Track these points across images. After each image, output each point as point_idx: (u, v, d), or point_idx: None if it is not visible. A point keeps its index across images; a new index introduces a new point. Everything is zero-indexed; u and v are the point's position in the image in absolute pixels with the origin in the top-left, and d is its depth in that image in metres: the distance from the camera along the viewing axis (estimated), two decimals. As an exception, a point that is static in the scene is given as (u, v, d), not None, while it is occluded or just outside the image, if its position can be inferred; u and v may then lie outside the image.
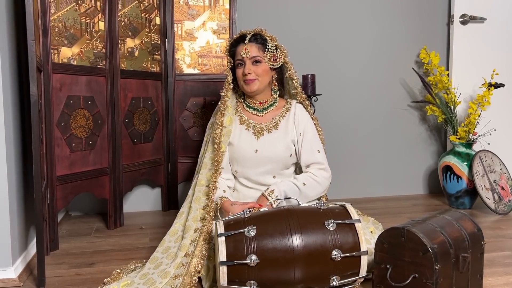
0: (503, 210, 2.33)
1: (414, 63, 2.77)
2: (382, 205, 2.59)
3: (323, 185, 1.67)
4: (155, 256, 1.52)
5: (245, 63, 1.61)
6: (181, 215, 1.62)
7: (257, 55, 1.62)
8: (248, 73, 1.60)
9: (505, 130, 2.68)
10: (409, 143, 2.81)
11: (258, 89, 1.64)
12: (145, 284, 1.37)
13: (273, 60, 1.66)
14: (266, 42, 1.66)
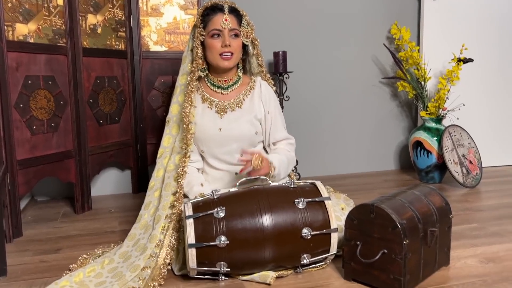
0: (471, 184, 2.38)
1: (385, 39, 2.75)
2: (355, 181, 2.60)
3: (294, 159, 1.66)
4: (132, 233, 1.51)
5: (224, 35, 1.54)
6: (149, 206, 1.57)
7: (236, 28, 1.55)
8: (229, 45, 1.53)
9: (473, 105, 2.72)
10: (381, 120, 2.82)
11: (233, 66, 1.59)
12: (114, 277, 1.33)
13: (246, 37, 1.60)
14: (242, 16, 1.59)
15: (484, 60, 2.73)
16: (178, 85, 1.69)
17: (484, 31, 2.74)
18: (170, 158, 1.59)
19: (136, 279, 1.30)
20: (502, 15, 2.75)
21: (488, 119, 2.81)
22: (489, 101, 2.80)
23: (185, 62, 1.67)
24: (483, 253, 1.50)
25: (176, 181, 1.51)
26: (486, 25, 2.73)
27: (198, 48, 1.57)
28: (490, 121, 2.82)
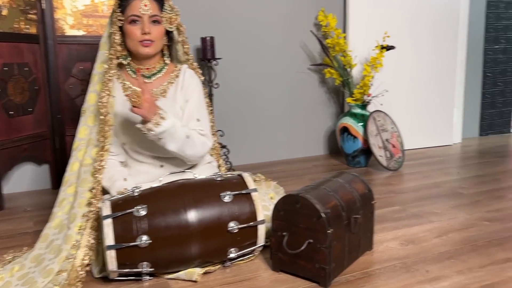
0: (394, 167, 2.49)
1: (313, 25, 2.77)
2: (286, 167, 2.63)
3: (201, 149, 1.50)
4: (45, 233, 1.40)
5: (144, 21, 1.44)
6: (62, 203, 1.45)
7: (157, 14, 1.46)
8: (148, 32, 1.44)
9: (396, 91, 2.84)
10: (310, 106, 2.86)
11: (154, 53, 1.50)
12: (24, 285, 1.21)
13: (169, 23, 1.51)
14: (163, 1, 1.50)
15: (406, 47, 2.84)
16: (95, 73, 1.57)
17: (406, 19, 2.85)
18: (86, 151, 1.48)
19: (50, 285, 1.20)
20: (425, 3, 2.88)
21: (409, 104, 2.95)
22: (410, 87, 2.94)
23: (103, 48, 1.56)
24: (404, 235, 1.56)
25: (93, 176, 1.41)
26: (408, 13, 2.85)
27: (116, 34, 1.47)
28: (411, 106, 2.96)
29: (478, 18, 3.29)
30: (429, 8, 2.90)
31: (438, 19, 2.94)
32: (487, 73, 3.43)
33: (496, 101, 3.52)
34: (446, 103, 3.10)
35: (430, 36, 2.94)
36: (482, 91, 3.44)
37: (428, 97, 3.01)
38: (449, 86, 3.09)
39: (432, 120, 3.06)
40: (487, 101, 3.48)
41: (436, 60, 2.99)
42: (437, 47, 2.98)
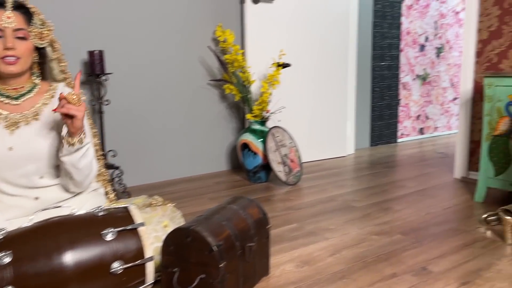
0: (292, 181, 2.54)
1: (211, 40, 2.73)
2: (186, 186, 2.54)
3: (94, 173, 1.41)
4: None
5: (6, 34, 1.26)
6: None
7: (23, 28, 1.28)
8: (11, 48, 1.26)
9: (293, 107, 2.91)
10: (211, 121, 2.81)
11: (21, 72, 1.32)
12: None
13: (39, 38, 1.35)
14: (32, 14, 1.33)
15: (301, 65, 2.94)
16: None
17: (301, 38, 2.94)
18: None
19: None
20: (317, 22, 3.00)
21: (306, 119, 3.05)
22: (306, 102, 3.04)
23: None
24: (300, 255, 1.57)
25: None
26: (303, 32, 2.94)
27: (-24, 50, 1.27)
28: (308, 121, 3.06)
29: (365, 38, 3.53)
30: (322, 27, 3.03)
31: (330, 38, 3.09)
32: (375, 88, 3.69)
33: (384, 113, 3.81)
34: (339, 116, 3.26)
35: (323, 54, 3.08)
36: (371, 105, 3.69)
37: (323, 111, 3.14)
38: (342, 100, 3.25)
39: (327, 133, 3.20)
40: (376, 114, 3.74)
41: (329, 77, 3.14)
42: (330, 64, 3.13)
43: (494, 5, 2.37)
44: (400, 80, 3.88)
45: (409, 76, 3.97)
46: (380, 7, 3.59)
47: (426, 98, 4.18)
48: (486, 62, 2.44)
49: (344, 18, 3.13)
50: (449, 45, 4.28)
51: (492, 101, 2.06)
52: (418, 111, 4.13)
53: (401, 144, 3.89)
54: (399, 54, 3.81)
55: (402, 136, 4.02)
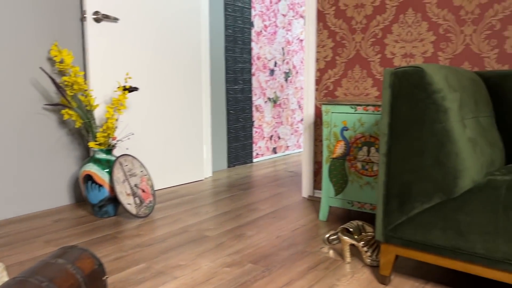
0: (144, 213, 2.37)
1: (46, 60, 2.43)
2: (16, 228, 2.18)
3: None
4: None
5: None
6: None
7: None
8: None
9: (143, 132, 2.76)
10: (49, 151, 2.49)
11: None
12: None
13: None
14: None
15: (152, 88, 2.81)
16: None
17: (151, 61, 2.82)
18: None
19: None
20: (170, 44, 2.91)
21: (160, 144, 2.92)
22: (159, 127, 2.92)
23: None
24: (146, 302, 1.44)
25: None
26: (152, 55, 2.83)
27: None
28: (162, 146, 2.94)
29: (219, 62, 3.57)
30: (173, 50, 2.96)
31: (182, 60, 3.03)
32: (230, 111, 3.75)
33: (239, 135, 3.89)
34: (196, 140, 3.21)
35: (176, 77, 3.01)
36: (227, 127, 3.74)
37: (178, 135, 3.06)
38: (197, 124, 3.21)
39: (184, 158, 3.11)
40: (232, 136, 3.80)
41: (183, 100, 3.07)
42: (184, 87, 3.07)
43: (328, 37, 2.60)
44: (253, 102, 4.03)
45: (261, 99, 4.15)
46: (231, 32, 3.68)
47: (277, 119, 4.41)
48: (324, 89, 2.65)
49: (196, 41, 3.12)
50: (296, 70, 4.61)
51: (329, 127, 2.23)
52: (270, 131, 4.33)
53: (257, 164, 4.01)
54: (251, 78, 3.96)
55: (257, 156, 4.16)
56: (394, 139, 1.46)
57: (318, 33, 2.64)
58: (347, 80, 2.54)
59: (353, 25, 2.49)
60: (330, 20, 2.57)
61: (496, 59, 2.05)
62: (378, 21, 2.39)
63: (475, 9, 2.08)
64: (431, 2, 2.21)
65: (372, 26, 2.41)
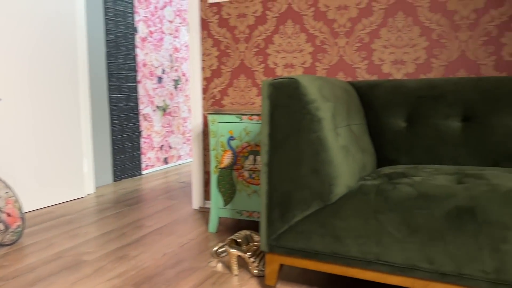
0: (11, 240, 2.09)
1: None
2: None
3: None
4: None
5: None
6: None
7: None
8: None
9: (11, 148, 2.44)
10: None
11: None
12: None
13: None
14: None
15: (18, 98, 2.50)
16: None
17: (19, 68, 2.51)
18: None
19: None
20: (42, 51, 2.62)
21: (30, 161, 2.62)
22: (29, 142, 2.61)
23: None
24: None
25: None
26: (21, 62, 2.52)
27: None
28: (32, 163, 2.64)
29: (99, 68, 3.34)
30: (45, 56, 2.68)
31: (57, 67, 2.76)
32: (114, 121, 3.53)
33: (126, 146, 3.68)
34: (74, 154, 2.94)
35: (49, 86, 2.73)
36: (112, 138, 3.51)
37: (52, 150, 2.77)
38: (75, 135, 2.95)
39: (60, 174, 2.83)
40: (117, 147, 3.57)
41: (58, 111, 2.80)
42: (58, 97, 2.79)
43: (213, 46, 2.57)
44: (140, 111, 3.85)
45: (149, 108, 3.98)
46: (113, 38, 3.47)
47: (168, 128, 4.28)
48: (211, 99, 2.62)
49: (72, 48, 2.86)
50: (185, 77, 4.53)
51: (216, 136, 2.20)
52: (161, 141, 4.18)
53: (147, 176, 3.83)
54: (137, 85, 3.78)
55: (147, 168, 3.98)
56: (274, 149, 1.47)
57: (203, 42, 2.60)
58: (233, 89, 2.54)
59: (236, 34, 2.50)
60: (214, 28, 2.55)
61: (366, 70, 2.22)
62: (260, 31, 2.43)
63: (346, 22, 2.23)
64: (308, 15, 2.31)
65: (254, 36, 2.45)
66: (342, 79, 2.27)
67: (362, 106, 2.00)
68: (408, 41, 2.12)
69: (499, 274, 1.18)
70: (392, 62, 2.16)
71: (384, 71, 2.19)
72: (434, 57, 2.08)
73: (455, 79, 1.86)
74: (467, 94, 1.82)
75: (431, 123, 1.85)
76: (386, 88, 1.96)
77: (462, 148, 1.79)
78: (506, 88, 1.76)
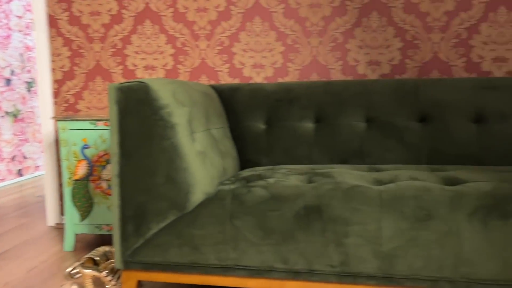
0: None
1: None
2: None
3: None
4: None
5: None
6: None
7: None
8: None
9: None
10: None
11: None
12: None
13: None
14: None
15: None
16: None
17: None
18: None
19: None
20: None
21: None
22: None
23: None
24: None
25: None
26: None
27: None
28: None
29: None
30: None
31: None
32: None
33: (-34, 159, 3.16)
34: None
35: None
36: None
37: None
38: None
39: None
40: (-47, 161, 3.05)
41: None
42: None
43: (64, 45, 2.33)
44: (-17, 118, 3.35)
45: (-5, 114, 3.49)
46: None
47: (21, 136, 3.81)
48: (64, 103, 2.38)
49: None
50: (41, 79, 4.08)
51: (68, 145, 1.99)
52: (13, 151, 3.70)
53: (-6, 192, 3.35)
54: (-22, 88, 3.28)
55: (-5, 182, 3.49)
56: (126, 159, 1.37)
57: (52, 40, 2.34)
58: (89, 92, 2.34)
59: (90, 33, 2.30)
60: (64, 26, 2.32)
61: (228, 73, 2.23)
62: (117, 31, 2.28)
63: (206, 25, 2.21)
64: (167, 15, 2.23)
65: (111, 35, 2.29)
66: (205, 83, 2.25)
67: (225, 110, 2.00)
68: (266, 45, 2.18)
69: (344, 266, 1.25)
70: (252, 66, 2.21)
71: (245, 75, 2.22)
72: (290, 62, 2.18)
73: (308, 82, 1.96)
74: (319, 97, 1.94)
75: (287, 125, 1.92)
76: (246, 91, 1.99)
77: (315, 147, 1.89)
78: (351, 91, 1.92)
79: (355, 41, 2.11)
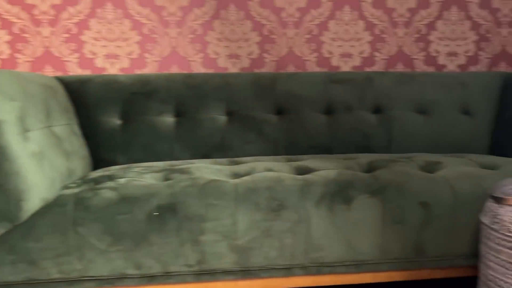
0: None
1: None
2: None
3: None
4: None
5: None
6: None
7: None
8: None
9: None
10: None
11: None
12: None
13: None
14: None
15: None
16: None
17: None
18: None
19: None
20: None
21: None
22: None
23: None
24: None
25: None
26: None
27: None
28: None
29: None
30: None
31: None
32: None
33: None
34: None
35: None
36: None
37: None
38: None
39: None
40: None
41: None
42: None
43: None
44: None
45: None
46: None
47: None
48: None
49: None
50: None
51: None
52: None
53: None
54: None
55: None
56: None
57: None
58: None
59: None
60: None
61: (78, 64, 2.01)
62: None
63: (49, 9, 1.96)
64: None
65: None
66: (50, 74, 2.00)
67: (73, 104, 1.80)
68: (120, 34, 2.02)
69: (201, 265, 1.21)
70: (105, 56, 2.03)
71: (98, 66, 2.03)
72: (148, 52, 2.06)
73: (167, 74, 1.87)
74: (178, 90, 1.86)
75: (146, 119, 1.81)
76: (98, 84, 1.82)
77: (176, 143, 1.82)
78: (211, 84, 1.88)
79: (214, 34, 2.08)
